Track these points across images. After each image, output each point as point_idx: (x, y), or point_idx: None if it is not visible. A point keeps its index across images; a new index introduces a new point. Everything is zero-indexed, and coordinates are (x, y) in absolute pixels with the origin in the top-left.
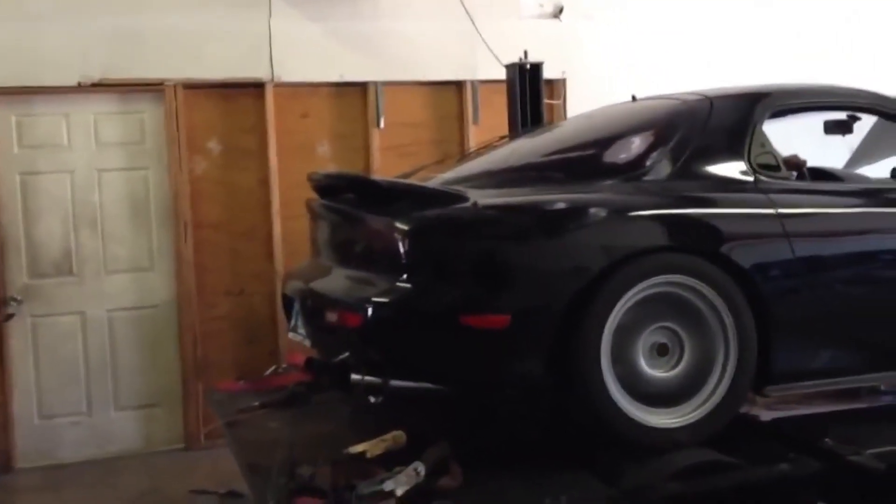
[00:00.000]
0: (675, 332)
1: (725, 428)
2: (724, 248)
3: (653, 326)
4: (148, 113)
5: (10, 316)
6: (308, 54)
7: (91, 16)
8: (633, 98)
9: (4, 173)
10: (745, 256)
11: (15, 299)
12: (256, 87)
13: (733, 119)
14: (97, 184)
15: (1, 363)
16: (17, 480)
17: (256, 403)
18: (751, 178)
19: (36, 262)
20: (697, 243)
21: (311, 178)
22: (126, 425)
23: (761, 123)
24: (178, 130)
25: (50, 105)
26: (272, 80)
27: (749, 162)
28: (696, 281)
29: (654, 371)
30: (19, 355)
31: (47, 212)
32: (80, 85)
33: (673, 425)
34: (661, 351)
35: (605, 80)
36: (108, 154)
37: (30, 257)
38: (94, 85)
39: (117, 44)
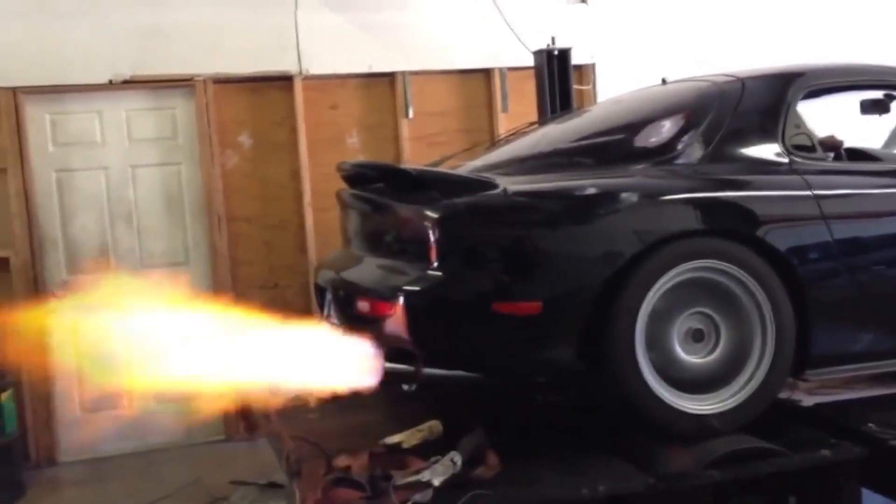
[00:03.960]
0: (710, 318)
1: (765, 413)
2: (760, 232)
3: (688, 312)
4: (179, 109)
5: (51, 311)
6: (335, 46)
7: (120, 13)
8: (664, 81)
9: (40, 171)
10: (781, 239)
11: (55, 295)
12: (285, 80)
13: (766, 100)
14: (131, 180)
15: (43, 358)
16: (61, 474)
17: (293, 395)
18: (786, 160)
19: (74, 258)
20: (732, 227)
21: (340, 169)
22: (166, 417)
23: (795, 104)
24: (209, 125)
25: (83, 103)
26: (300, 72)
27: (783, 143)
28: (732, 265)
29: (690, 357)
30: (60, 350)
31: (83, 208)
32: (111, 82)
33: (710, 411)
34: (696, 336)
35: (634, 64)
36: (141, 150)
37: (68, 253)
38: (125, 82)
39: (147, 40)
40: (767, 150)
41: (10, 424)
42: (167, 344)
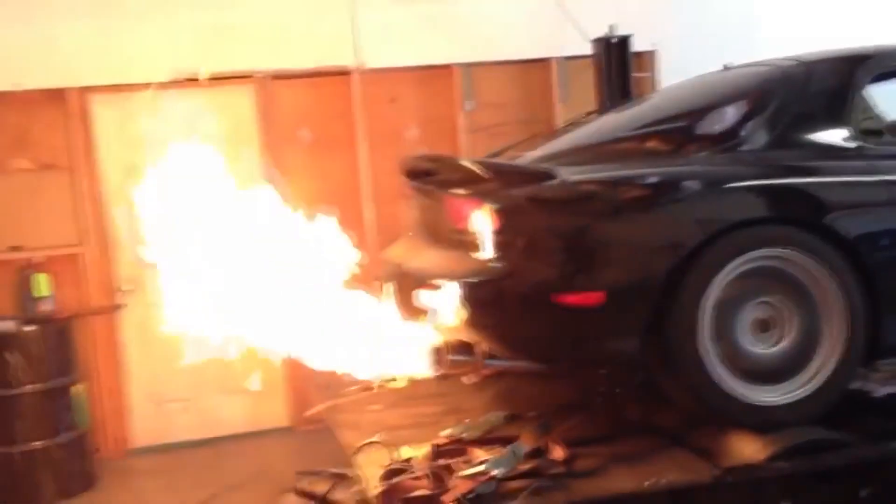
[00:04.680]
0: (778, 307)
1: (835, 404)
2: (828, 219)
3: (754, 301)
4: (240, 105)
5: (122, 306)
6: (393, 39)
7: (183, 13)
8: (726, 67)
9: (109, 170)
10: (849, 226)
11: (125, 290)
12: (343, 75)
13: (832, 83)
14: None
15: (115, 351)
16: (133, 464)
17: (356, 387)
18: (853, 145)
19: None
20: (798, 214)
21: (400, 161)
22: (233, 408)
23: (863, 87)
24: (269, 121)
25: (147, 101)
26: (358, 66)
27: (851, 128)
28: (799, 254)
29: (757, 347)
30: (131, 343)
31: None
32: (175, 81)
33: (778, 402)
34: (763, 326)
35: (695, 50)
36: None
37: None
38: (188, 80)
39: (209, 39)
40: (834, 136)
41: (82, 417)
42: (234, 335)
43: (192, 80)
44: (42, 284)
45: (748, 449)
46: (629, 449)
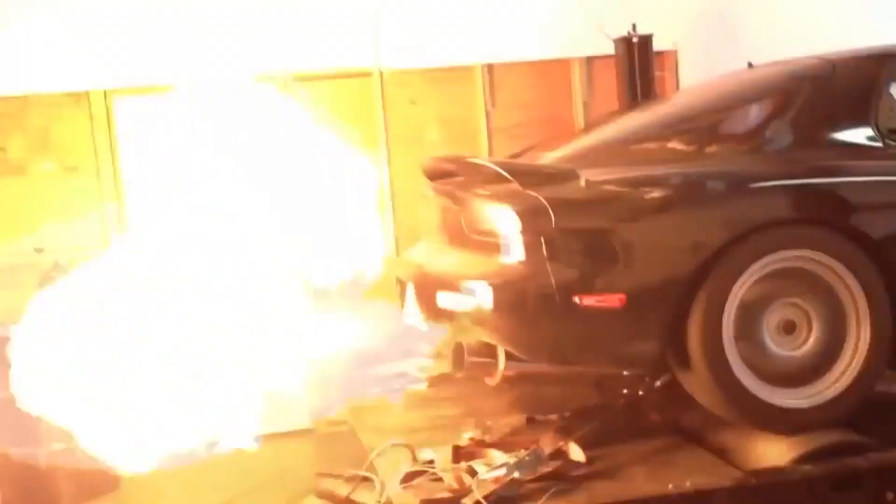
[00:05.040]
0: (802, 308)
1: (861, 406)
2: (853, 219)
3: (778, 303)
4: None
5: None
6: (414, 40)
7: (203, 14)
8: (750, 65)
9: (132, 172)
10: (875, 226)
11: None
12: (364, 76)
13: (858, 82)
14: None
15: None
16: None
17: (377, 389)
18: (879, 144)
19: None
20: (823, 215)
21: (421, 163)
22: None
23: (889, 85)
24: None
25: (168, 103)
26: (379, 67)
27: (876, 127)
28: (824, 254)
29: (782, 349)
30: None
31: None
32: (196, 82)
33: (802, 405)
34: (788, 328)
35: (718, 49)
36: None
37: None
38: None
39: (229, 40)
40: (859, 135)
41: None
42: (251, 336)
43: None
44: None
45: (773, 452)
46: (651, 451)
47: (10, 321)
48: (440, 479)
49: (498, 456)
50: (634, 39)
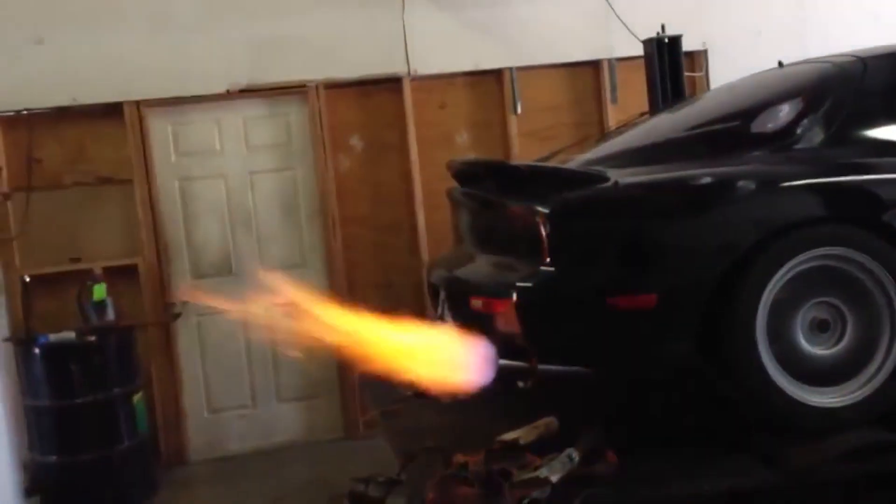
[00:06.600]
0: (836, 307)
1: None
2: (886, 217)
3: (812, 302)
4: (293, 115)
5: (178, 315)
6: (442, 45)
7: (236, 25)
8: (780, 64)
9: (164, 181)
10: None
11: (180, 299)
12: (394, 82)
13: (890, 79)
14: (249, 186)
15: (171, 360)
16: (191, 473)
17: (410, 393)
18: None
19: (197, 263)
20: (856, 213)
21: (450, 167)
22: (289, 416)
23: None
24: (321, 130)
25: (202, 113)
26: (409, 73)
27: None
28: (857, 252)
29: (815, 348)
30: (187, 352)
31: (205, 215)
32: (228, 92)
33: (837, 405)
34: (821, 327)
35: (748, 49)
36: (258, 157)
37: (192, 259)
38: (241, 91)
39: (261, 50)
40: (892, 132)
41: (141, 425)
42: (289, 343)
43: (246, 92)
44: (101, 295)
45: (808, 452)
46: (685, 453)
47: (49, 330)
48: (473, 483)
49: (531, 459)
50: (664, 40)
